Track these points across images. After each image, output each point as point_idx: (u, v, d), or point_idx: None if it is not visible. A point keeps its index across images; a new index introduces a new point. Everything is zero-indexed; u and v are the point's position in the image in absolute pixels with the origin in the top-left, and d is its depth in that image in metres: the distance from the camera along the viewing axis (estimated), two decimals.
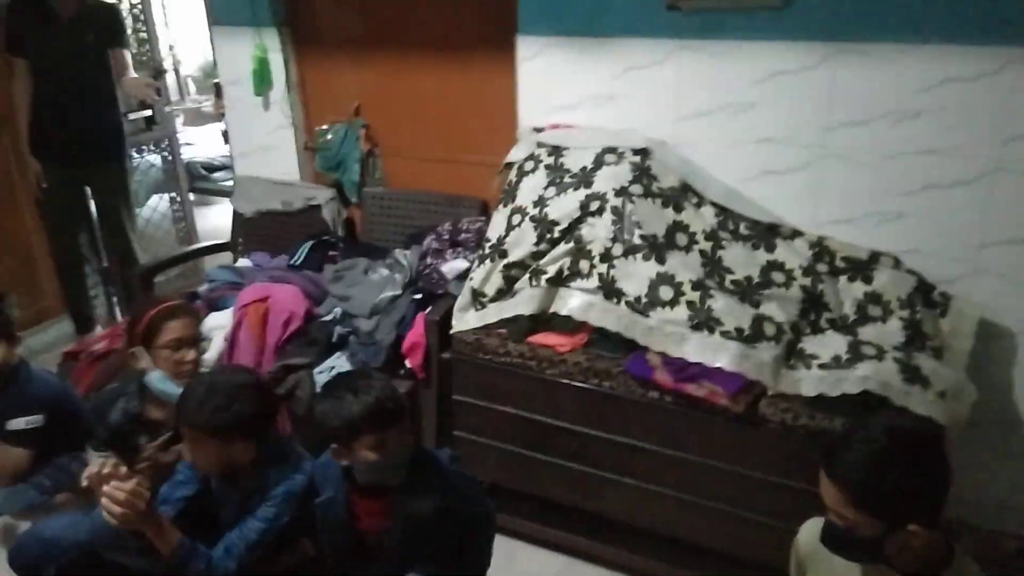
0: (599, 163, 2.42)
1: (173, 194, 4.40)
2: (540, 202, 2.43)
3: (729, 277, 2.24)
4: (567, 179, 2.44)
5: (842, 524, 1.32)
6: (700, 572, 2.25)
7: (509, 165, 2.64)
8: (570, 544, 2.43)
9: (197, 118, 7.37)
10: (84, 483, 1.61)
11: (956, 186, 2.18)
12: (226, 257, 3.44)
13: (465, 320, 2.39)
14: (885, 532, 1.28)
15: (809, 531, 1.55)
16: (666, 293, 2.17)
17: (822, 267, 2.25)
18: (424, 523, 1.76)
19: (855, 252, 2.24)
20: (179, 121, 6.47)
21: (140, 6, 4.06)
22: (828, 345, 2.09)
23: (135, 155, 4.05)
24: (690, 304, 2.14)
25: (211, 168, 5.97)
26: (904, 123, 2.20)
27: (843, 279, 2.24)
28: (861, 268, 2.22)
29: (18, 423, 2.32)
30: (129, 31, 3.83)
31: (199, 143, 6.52)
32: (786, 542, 1.62)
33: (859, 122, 2.25)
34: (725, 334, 2.07)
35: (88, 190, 3.53)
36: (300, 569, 1.93)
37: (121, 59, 3.38)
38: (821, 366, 2.03)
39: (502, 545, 2.07)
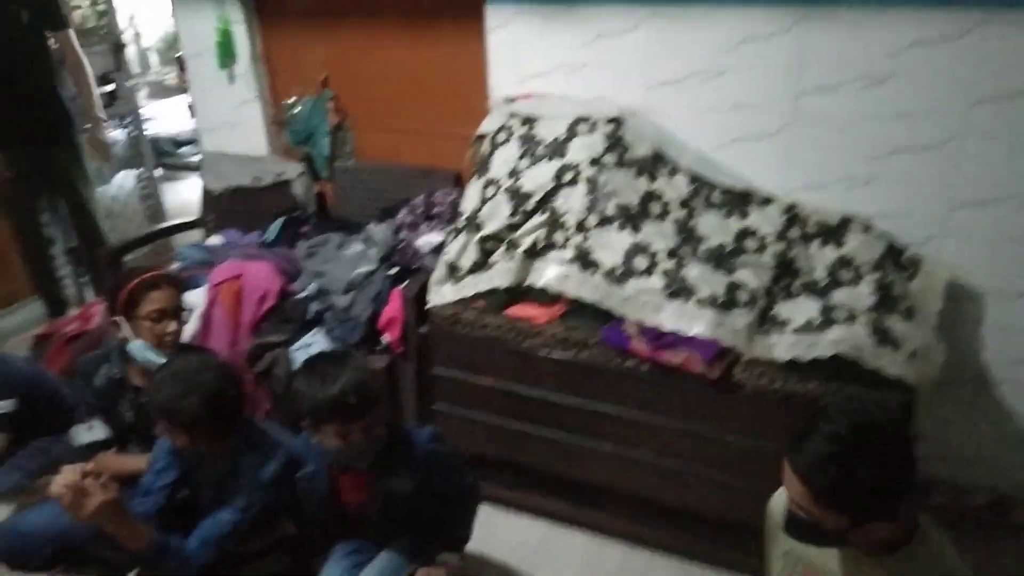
0: (572, 133, 2.41)
1: (140, 170, 4.31)
2: (514, 173, 2.41)
3: (703, 245, 2.26)
4: (540, 150, 2.43)
5: (806, 517, 1.31)
6: (678, 534, 2.30)
7: (482, 137, 2.61)
8: (551, 510, 2.47)
9: (160, 91, 7.20)
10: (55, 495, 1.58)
11: (924, 149, 2.21)
12: (196, 235, 3.39)
13: (441, 294, 2.39)
14: (849, 526, 1.28)
15: (779, 501, 1.55)
16: (641, 262, 2.18)
17: (794, 233, 2.27)
18: (404, 500, 1.78)
19: (826, 217, 2.26)
20: (142, 95, 6.32)
21: None
22: (800, 310, 2.12)
23: None
24: (665, 273, 2.15)
25: (178, 143, 5.84)
26: (873, 87, 2.21)
27: (815, 244, 2.26)
28: (832, 233, 2.25)
29: None
30: (87, 3, 3.70)
31: (163, 117, 6.37)
32: (762, 503, 1.65)
33: (829, 87, 2.26)
34: (700, 302, 2.09)
35: (46, 172, 3.44)
36: (279, 547, 1.95)
37: (67, 43, 3.29)
38: (794, 331, 2.06)
39: (484, 513, 2.09)
